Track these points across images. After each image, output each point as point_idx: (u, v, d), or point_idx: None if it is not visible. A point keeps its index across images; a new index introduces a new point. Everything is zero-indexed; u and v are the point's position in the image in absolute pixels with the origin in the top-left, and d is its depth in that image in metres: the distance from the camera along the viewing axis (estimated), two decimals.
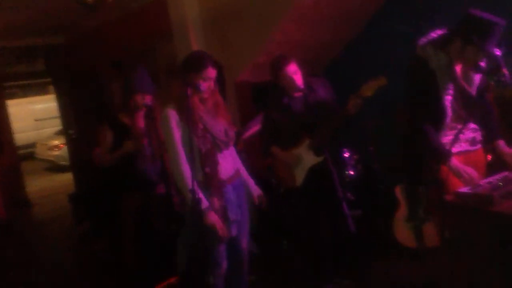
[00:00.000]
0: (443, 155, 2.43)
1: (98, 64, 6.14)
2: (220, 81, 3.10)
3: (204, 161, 2.52)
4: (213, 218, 2.47)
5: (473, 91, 2.50)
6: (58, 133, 12.37)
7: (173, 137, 2.50)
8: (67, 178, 9.68)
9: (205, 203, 2.45)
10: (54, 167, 11.85)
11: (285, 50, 4.08)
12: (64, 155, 11.93)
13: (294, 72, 3.00)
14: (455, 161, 2.44)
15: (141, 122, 3.30)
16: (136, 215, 3.35)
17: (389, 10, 4.20)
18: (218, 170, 2.57)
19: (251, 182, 2.87)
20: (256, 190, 2.86)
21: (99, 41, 5.98)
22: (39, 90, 15.71)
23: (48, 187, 9.67)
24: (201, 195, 2.42)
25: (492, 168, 2.63)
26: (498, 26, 2.30)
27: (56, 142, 12.27)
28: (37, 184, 9.97)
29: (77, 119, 7.21)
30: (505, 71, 2.29)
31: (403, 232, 3.53)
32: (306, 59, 3.58)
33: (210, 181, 2.52)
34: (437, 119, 2.48)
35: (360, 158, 3.99)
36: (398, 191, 3.57)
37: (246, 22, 4.15)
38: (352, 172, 3.89)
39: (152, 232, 3.36)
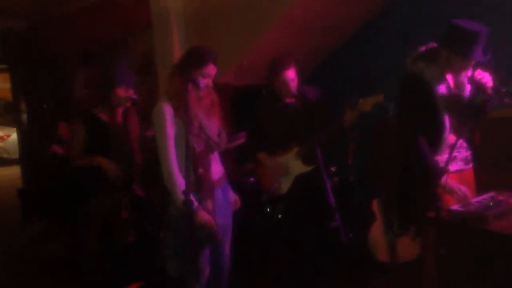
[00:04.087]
0: (436, 172, 2.43)
1: (62, 53, 5.78)
2: None
3: (197, 161, 2.40)
4: (206, 217, 2.36)
5: (464, 99, 2.52)
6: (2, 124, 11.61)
7: (166, 133, 2.36)
8: (11, 172, 9.07)
9: (195, 203, 2.32)
10: None
11: (270, 55, 4.04)
12: (7, 147, 11.22)
13: (292, 79, 2.95)
14: (448, 179, 2.45)
15: (119, 118, 3.12)
16: (103, 220, 3.14)
17: (375, 23, 4.27)
18: (210, 172, 2.46)
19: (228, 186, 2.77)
20: (232, 195, 2.77)
21: (67, 29, 5.63)
22: None
23: None
24: (191, 196, 2.29)
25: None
26: (482, 34, 2.33)
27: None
28: None
29: (30, 110, 6.76)
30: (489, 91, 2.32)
31: (378, 246, 3.56)
32: None
33: (202, 182, 2.41)
34: (435, 134, 2.48)
35: (337, 170, 3.98)
36: (375, 205, 3.60)
37: (232, 23, 4.06)
38: None
39: (117, 237, 3.17)
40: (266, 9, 3.82)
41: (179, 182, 2.31)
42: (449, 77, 2.52)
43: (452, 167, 2.51)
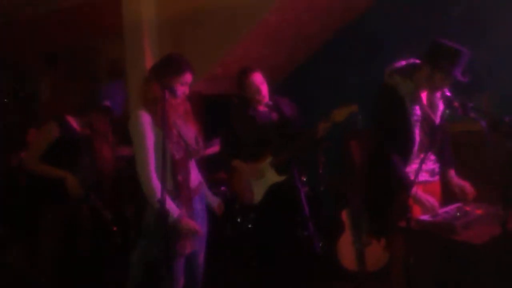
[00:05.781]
0: (407, 184, 2.47)
1: (28, 56, 5.61)
2: None
3: (177, 168, 2.37)
4: (191, 223, 2.32)
5: (436, 118, 2.60)
6: None
7: (145, 141, 2.32)
8: None
9: (176, 211, 2.29)
10: None
11: (242, 65, 4.06)
12: None
13: (261, 82, 2.99)
14: (417, 190, 2.51)
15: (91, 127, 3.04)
16: (62, 231, 3.04)
17: (343, 38, 4.37)
18: (189, 179, 2.44)
19: (208, 192, 2.76)
20: (215, 200, 2.75)
21: (33, 32, 5.46)
22: None
23: None
24: (172, 204, 2.27)
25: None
26: (465, 54, 2.43)
27: None
28: None
29: None
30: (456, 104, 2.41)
31: (346, 255, 3.61)
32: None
33: (181, 190, 2.38)
34: (405, 147, 2.53)
35: (308, 179, 4.01)
36: (344, 215, 3.65)
37: (205, 32, 4.06)
38: None
39: (77, 249, 3.08)
40: (240, 17, 3.85)
41: (157, 190, 2.26)
42: (423, 95, 2.59)
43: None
